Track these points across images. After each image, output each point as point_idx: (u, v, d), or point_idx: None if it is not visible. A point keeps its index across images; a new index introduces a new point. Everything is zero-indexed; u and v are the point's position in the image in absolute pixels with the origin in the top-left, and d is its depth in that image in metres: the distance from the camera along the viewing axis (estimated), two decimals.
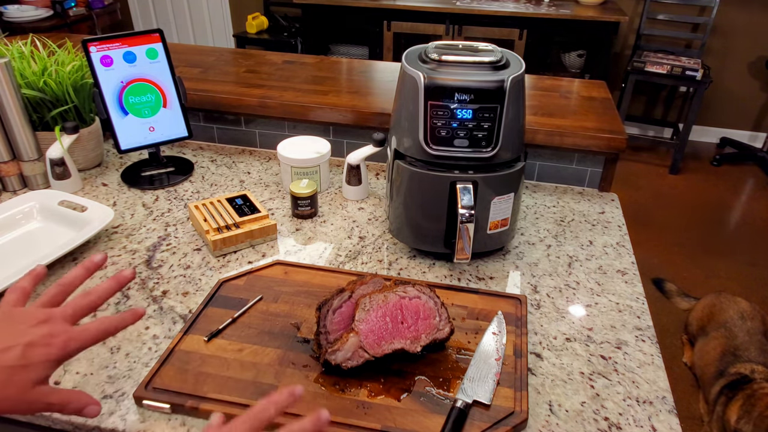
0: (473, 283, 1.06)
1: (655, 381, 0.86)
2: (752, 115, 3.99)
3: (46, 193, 1.21)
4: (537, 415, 0.80)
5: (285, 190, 1.32)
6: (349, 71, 1.67)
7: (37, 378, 0.54)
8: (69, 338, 0.55)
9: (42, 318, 0.56)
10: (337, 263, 1.10)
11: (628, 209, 1.39)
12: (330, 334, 0.83)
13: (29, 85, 1.26)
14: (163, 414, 0.78)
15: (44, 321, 0.56)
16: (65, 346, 0.55)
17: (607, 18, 3.41)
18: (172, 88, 1.31)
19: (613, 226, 1.25)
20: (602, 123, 1.34)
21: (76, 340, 0.56)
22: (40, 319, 0.56)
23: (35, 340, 0.53)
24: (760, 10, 3.65)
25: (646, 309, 1.01)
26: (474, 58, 0.98)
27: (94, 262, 0.63)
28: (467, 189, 0.97)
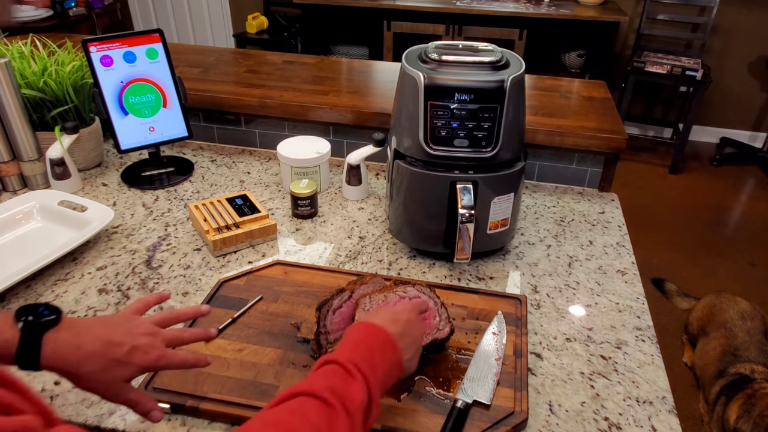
0: (473, 283, 1.05)
1: (655, 381, 0.86)
2: (752, 115, 3.98)
3: (46, 193, 1.21)
4: (537, 415, 0.80)
5: (285, 190, 1.32)
6: (349, 71, 1.67)
7: (127, 376, 0.63)
8: (161, 355, 0.66)
9: (151, 331, 0.66)
10: (337, 263, 1.10)
11: (628, 209, 1.39)
12: (330, 334, 0.83)
13: (29, 85, 1.26)
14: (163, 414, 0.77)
15: (151, 334, 0.66)
16: (157, 360, 0.65)
17: (607, 18, 3.41)
18: (172, 88, 1.31)
19: (613, 226, 1.25)
20: (602, 123, 1.34)
21: (165, 359, 0.66)
22: (149, 331, 0.66)
23: (140, 345, 0.64)
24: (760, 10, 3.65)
25: (646, 309, 1.01)
26: (474, 58, 0.97)
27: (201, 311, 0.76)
28: (467, 189, 0.97)
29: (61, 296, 0.99)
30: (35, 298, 0.98)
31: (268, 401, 0.76)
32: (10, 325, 0.60)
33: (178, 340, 0.70)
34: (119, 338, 0.63)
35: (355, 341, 0.65)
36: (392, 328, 0.68)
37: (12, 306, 0.96)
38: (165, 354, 0.66)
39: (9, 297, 0.97)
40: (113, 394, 0.64)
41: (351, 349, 0.63)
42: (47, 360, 0.60)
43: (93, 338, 0.62)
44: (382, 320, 0.69)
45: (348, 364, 0.60)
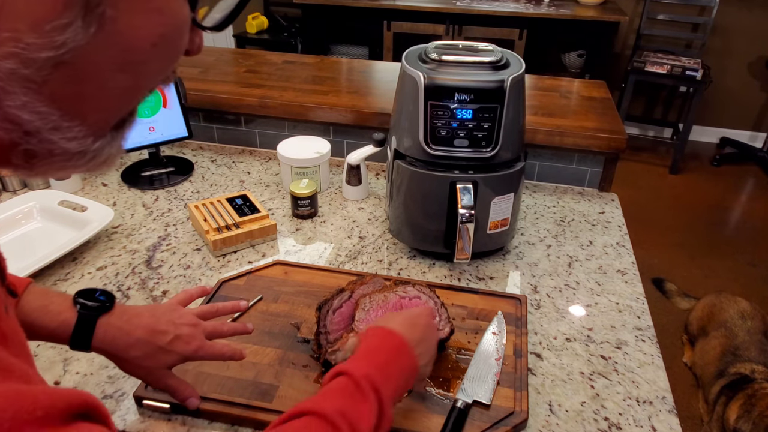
0: (473, 283, 1.05)
1: (655, 381, 0.86)
2: (752, 115, 3.98)
3: (46, 193, 1.21)
4: (537, 415, 0.80)
5: (285, 190, 1.32)
6: (349, 71, 1.67)
7: (169, 363, 0.68)
8: (200, 346, 0.69)
9: (193, 322, 0.70)
10: (337, 263, 1.10)
11: (628, 209, 1.39)
12: (330, 334, 0.82)
13: None
14: (163, 414, 0.78)
15: (193, 325, 0.70)
16: (197, 350, 0.69)
17: (607, 18, 3.41)
18: (172, 88, 1.31)
19: (613, 226, 1.25)
20: (602, 123, 1.34)
21: (204, 349, 0.69)
22: (191, 322, 0.70)
23: (182, 335, 0.67)
24: (760, 10, 3.64)
25: (646, 309, 1.01)
26: (474, 58, 0.97)
27: (240, 306, 0.80)
28: (467, 189, 0.97)
29: None
30: None
31: (268, 401, 0.77)
32: (68, 307, 0.64)
33: (218, 333, 0.73)
34: (164, 327, 0.67)
35: (371, 350, 0.63)
36: (410, 334, 0.66)
37: None
38: (204, 345, 0.69)
39: None
40: (155, 379, 0.69)
41: (366, 361, 0.61)
42: (98, 342, 0.64)
43: (141, 326, 0.66)
44: (400, 325, 0.67)
45: (362, 380, 0.57)
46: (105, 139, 0.38)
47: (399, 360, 0.64)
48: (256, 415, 0.75)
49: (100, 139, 0.38)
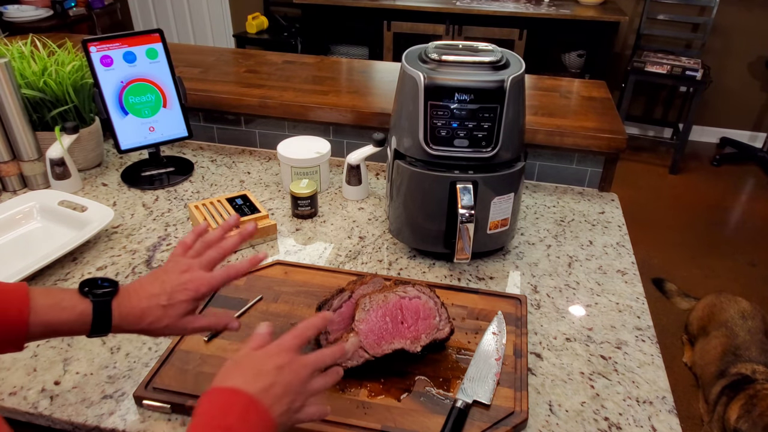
0: (473, 283, 1.05)
1: (655, 381, 0.86)
2: (752, 115, 3.98)
3: (46, 193, 1.21)
4: (537, 415, 0.80)
5: (285, 190, 1.32)
6: (349, 71, 1.67)
7: (181, 312, 0.70)
8: (200, 284, 0.71)
9: (185, 268, 0.72)
10: (337, 263, 1.10)
11: (628, 209, 1.39)
12: (330, 334, 0.83)
13: (29, 85, 1.26)
14: (163, 414, 0.78)
15: (186, 270, 0.72)
16: (197, 289, 0.71)
17: (607, 18, 3.41)
18: (172, 88, 1.31)
19: (613, 226, 1.25)
20: (602, 123, 1.34)
21: (206, 284, 0.71)
22: (183, 269, 0.72)
23: (177, 286, 0.70)
24: (760, 10, 3.65)
25: (646, 309, 1.01)
26: (474, 58, 0.97)
27: (229, 223, 0.78)
28: (467, 189, 0.97)
29: None
30: None
31: None
32: (79, 300, 0.68)
33: (216, 259, 0.75)
34: (158, 288, 0.70)
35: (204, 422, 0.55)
36: (253, 386, 0.57)
37: None
38: (203, 281, 0.71)
39: None
40: (182, 330, 0.72)
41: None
42: (116, 324, 0.69)
43: (142, 296, 0.70)
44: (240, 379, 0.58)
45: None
46: None
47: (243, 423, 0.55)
48: None
49: None
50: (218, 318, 0.74)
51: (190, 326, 0.72)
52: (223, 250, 0.75)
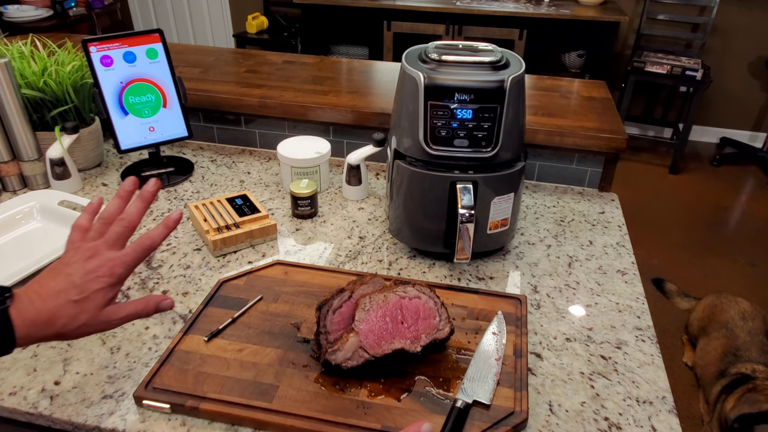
0: (473, 283, 1.05)
1: (655, 381, 0.86)
2: (752, 115, 3.99)
3: (46, 193, 1.21)
4: (537, 415, 0.80)
5: (285, 190, 1.32)
6: (349, 71, 1.67)
7: (100, 303, 0.63)
8: (113, 265, 0.63)
9: (89, 253, 0.64)
10: (337, 263, 1.10)
11: (628, 209, 1.39)
12: (330, 334, 0.83)
13: (29, 85, 1.26)
14: (163, 414, 0.78)
15: (91, 256, 0.64)
16: (112, 272, 0.63)
17: (607, 18, 3.41)
18: (172, 88, 1.31)
19: (613, 226, 1.25)
20: (602, 123, 1.34)
21: (120, 264, 0.64)
22: (87, 254, 0.64)
23: (86, 275, 0.62)
24: (760, 10, 3.65)
25: (646, 309, 1.01)
26: (474, 58, 0.98)
27: (125, 189, 0.69)
28: (467, 189, 0.97)
29: None
30: None
31: (268, 401, 0.77)
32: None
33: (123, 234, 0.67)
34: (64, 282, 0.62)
35: None
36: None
37: None
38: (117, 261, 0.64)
39: None
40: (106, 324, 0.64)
41: None
42: (22, 333, 0.60)
43: (45, 296, 0.61)
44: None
45: None
46: None
47: None
48: (256, 415, 0.76)
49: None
50: (146, 301, 0.67)
51: (115, 317, 0.65)
52: (127, 222, 0.67)
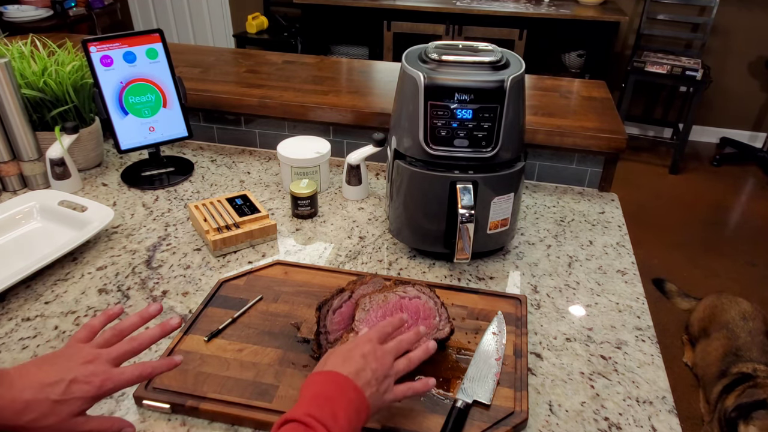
0: (473, 283, 1.05)
1: (655, 381, 0.86)
2: (752, 115, 3.98)
3: (46, 193, 1.21)
4: (537, 415, 0.80)
5: (285, 190, 1.32)
6: (349, 71, 1.67)
7: (74, 411, 0.60)
8: (106, 378, 0.62)
9: (89, 358, 0.63)
10: (337, 263, 1.10)
11: (628, 209, 1.39)
12: (330, 334, 0.82)
13: (29, 85, 1.26)
14: (163, 414, 0.78)
15: (90, 361, 0.62)
16: (102, 385, 0.61)
17: (607, 18, 3.41)
18: (172, 88, 1.31)
19: (613, 226, 1.25)
20: (602, 123, 1.34)
21: (112, 381, 0.62)
22: (87, 359, 0.62)
23: (78, 377, 0.60)
24: (760, 10, 3.65)
25: (646, 309, 1.01)
26: (474, 58, 0.97)
27: (149, 312, 0.71)
28: (467, 189, 0.97)
29: (61, 296, 0.99)
30: (35, 299, 0.98)
31: (268, 401, 0.77)
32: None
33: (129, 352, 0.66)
34: (54, 377, 0.59)
35: (311, 395, 0.62)
36: (345, 369, 0.65)
37: (12, 306, 0.96)
38: (110, 376, 0.62)
39: (9, 297, 0.97)
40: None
41: (308, 403, 0.60)
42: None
43: (27, 385, 0.59)
44: (333, 364, 0.66)
45: (306, 418, 0.57)
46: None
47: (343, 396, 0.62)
48: (256, 415, 0.76)
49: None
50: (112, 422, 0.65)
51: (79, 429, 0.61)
52: (138, 343, 0.66)
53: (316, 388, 0.63)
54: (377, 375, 0.66)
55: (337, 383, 0.64)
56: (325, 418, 0.58)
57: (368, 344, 0.69)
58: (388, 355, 0.69)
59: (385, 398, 0.68)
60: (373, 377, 0.66)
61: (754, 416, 1.56)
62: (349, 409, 0.61)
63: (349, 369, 0.65)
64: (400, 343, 0.72)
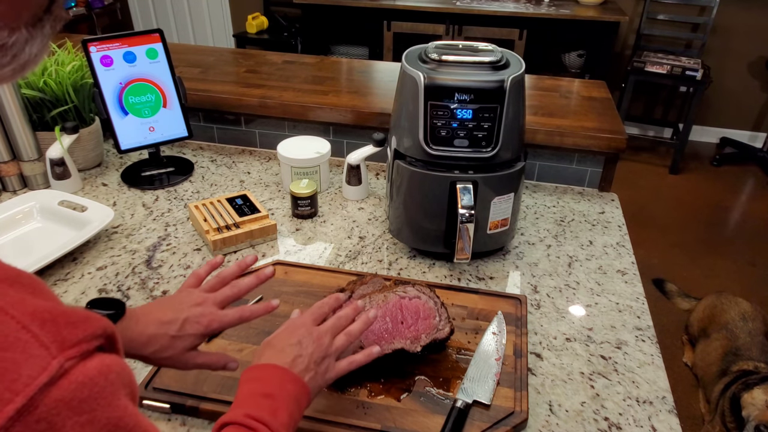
0: (473, 283, 1.05)
1: (655, 381, 0.86)
2: (752, 115, 3.98)
3: (46, 193, 1.21)
4: (537, 415, 0.80)
5: (285, 190, 1.32)
6: (349, 71, 1.67)
7: (187, 346, 0.69)
8: (213, 319, 0.70)
9: (199, 301, 0.71)
10: (337, 263, 1.10)
11: (628, 209, 1.39)
12: None
13: (29, 85, 1.26)
14: (163, 414, 0.78)
15: (199, 303, 0.71)
16: (209, 324, 0.70)
17: (607, 18, 3.41)
18: (172, 88, 1.31)
19: (613, 226, 1.25)
20: (602, 123, 1.34)
21: (218, 321, 0.70)
22: (197, 301, 0.71)
23: (190, 317, 0.69)
24: (760, 10, 3.64)
25: (646, 309, 1.01)
26: (474, 58, 0.97)
27: (246, 262, 0.77)
28: (467, 189, 0.97)
29: (61, 296, 0.99)
30: None
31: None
32: None
33: (231, 297, 0.74)
34: (170, 316, 0.68)
35: (248, 393, 0.62)
36: (281, 359, 0.65)
37: None
38: (216, 317, 0.70)
39: None
40: (183, 364, 0.70)
41: (246, 402, 0.60)
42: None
43: (150, 322, 0.68)
44: (268, 356, 0.66)
45: (246, 420, 0.57)
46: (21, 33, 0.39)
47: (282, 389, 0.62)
48: None
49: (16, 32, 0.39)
50: (218, 357, 0.73)
51: (192, 362, 0.71)
52: (238, 289, 0.74)
53: (254, 384, 0.63)
54: (315, 358, 0.66)
55: (274, 377, 0.63)
56: (264, 416, 0.58)
57: (302, 328, 0.69)
58: (325, 336, 0.69)
59: (327, 377, 0.68)
60: (310, 361, 0.66)
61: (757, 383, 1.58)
62: (289, 401, 0.61)
63: (285, 359, 0.65)
64: (339, 320, 0.72)
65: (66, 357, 0.35)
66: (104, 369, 0.37)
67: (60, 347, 0.35)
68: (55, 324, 0.36)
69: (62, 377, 0.34)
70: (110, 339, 0.39)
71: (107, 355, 0.38)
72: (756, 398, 1.56)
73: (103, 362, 0.37)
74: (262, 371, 0.64)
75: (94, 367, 0.36)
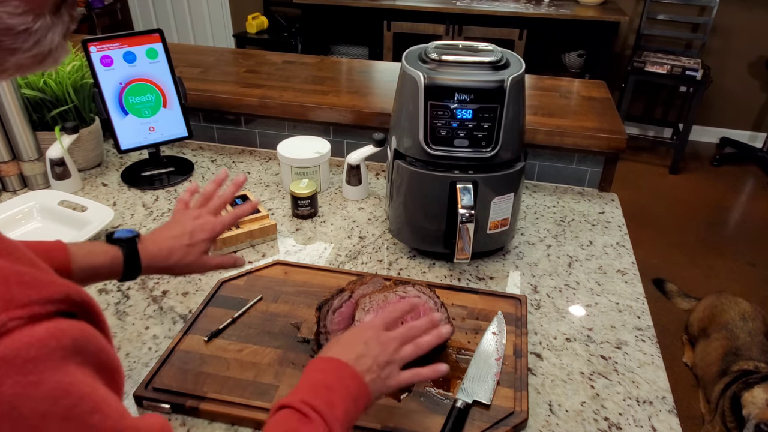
0: (473, 283, 1.05)
1: (655, 381, 0.86)
2: (752, 115, 3.98)
3: (46, 193, 1.21)
4: (537, 415, 0.80)
5: (285, 190, 1.32)
6: (349, 71, 1.67)
7: (202, 250, 0.81)
8: (215, 224, 0.83)
9: (195, 215, 0.83)
10: (337, 263, 1.10)
11: (628, 209, 1.39)
12: (330, 334, 0.83)
13: (29, 85, 1.26)
14: (163, 414, 0.78)
15: (197, 217, 0.83)
16: (213, 228, 0.82)
17: (607, 18, 3.41)
18: (172, 88, 1.31)
19: (613, 226, 1.25)
20: (602, 123, 1.34)
21: (220, 224, 0.83)
22: (194, 216, 0.83)
23: (195, 227, 0.81)
24: (760, 10, 3.64)
25: (646, 309, 1.01)
26: (474, 58, 0.97)
27: (221, 177, 0.88)
28: (467, 189, 0.97)
29: None
30: None
31: (268, 401, 0.77)
32: (109, 247, 0.77)
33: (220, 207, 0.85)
34: (179, 231, 0.81)
35: (310, 382, 0.62)
36: (346, 355, 0.65)
37: None
38: (216, 222, 0.83)
39: None
40: (202, 267, 0.83)
41: (305, 390, 0.61)
42: (145, 264, 0.78)
43: (165, 239, 0.80)
44: (335, 351, 0.66)
45: (302, 406, 0.57)
46: (44, 20, 0.40)
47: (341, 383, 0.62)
48: (256, 415, 0.76)
49: (40, 18, 0.40)
50: (227, 258, 0.86)
51: (209, 264, 0.83)
52: (223, 198, 0.85)
53: (315, 375, 0.64)
54: (378, 361, 0.66)
55: (336, 370, 0.64)
56: (321, 406, 0.58)
57: (371, 330, 0.69)
58: (393, 341, 0.69)
59: (389, 384, 0.67)
60: (374, 363, 0.65)
61: (758, 382, 1.58)
62: (347, 397, 0.61)
63: (350, 355, 0.65)
64: (410, 329, 0.71)
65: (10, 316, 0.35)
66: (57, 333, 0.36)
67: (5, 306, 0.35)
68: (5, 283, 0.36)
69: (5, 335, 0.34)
70: (82, 306, 0.40)
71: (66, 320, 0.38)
72: (756, 397, 1.57)
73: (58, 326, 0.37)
74: (325, 363, 0.65)
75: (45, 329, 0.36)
